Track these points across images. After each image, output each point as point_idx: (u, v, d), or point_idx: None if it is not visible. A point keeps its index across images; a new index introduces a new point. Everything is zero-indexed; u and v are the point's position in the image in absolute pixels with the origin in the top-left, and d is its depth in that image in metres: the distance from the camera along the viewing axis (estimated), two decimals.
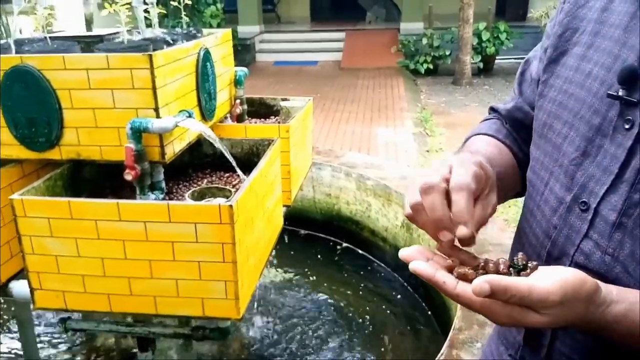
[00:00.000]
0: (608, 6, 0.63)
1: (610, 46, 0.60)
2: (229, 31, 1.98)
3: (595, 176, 0.59)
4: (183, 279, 1.18)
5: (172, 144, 1.40)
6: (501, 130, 0.78)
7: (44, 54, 1.38)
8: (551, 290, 0.48)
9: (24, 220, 1.19)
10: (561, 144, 0.63)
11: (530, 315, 0.49)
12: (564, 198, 0.62)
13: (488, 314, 0.51)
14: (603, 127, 0.59)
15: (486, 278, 0.48)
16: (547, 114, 0.66)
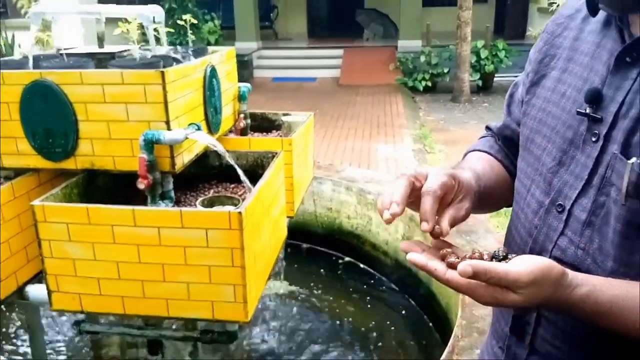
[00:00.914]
0: (579, 36, 0.73)
1: (580, 71, 0.71)
2: (233, 49, 2.07)
3: (569, 182, 0.69)
4: (194, 283, 1.24)
5: (182, 155, 1.47)
6: (494, 147, 0.89)
7: (62, 70, 1.46)
8: (523, 272, 0.57)
9: (43, 225, 1.26)
10: (541, 155, 0.73)
11: (508, 294, 0.58)
12: (543, 202, 0.72)
13: (474, 295, 0.59)
14: (575, 140, 0.69)
15: (470, 262, 0.57)
16: (530, 129, 0.76)
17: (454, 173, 0.72)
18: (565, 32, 0.76)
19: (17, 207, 1.47)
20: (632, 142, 0.61)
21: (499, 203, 0.86)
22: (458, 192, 0.71)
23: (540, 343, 0.73)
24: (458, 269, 0.57)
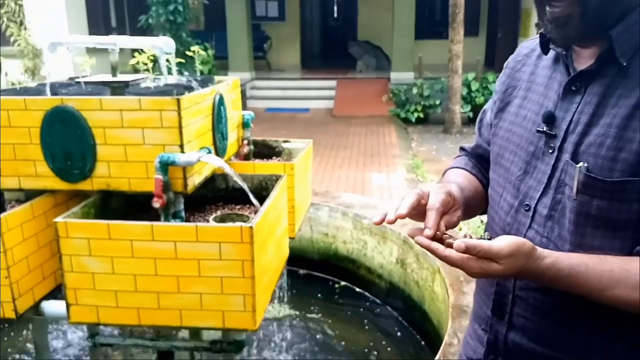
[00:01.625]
0: (535, 70, 0.91)
1: (537, 98, 0.87)
2: (237, 79, 2.20)
3: (533, 186, 0.85)
4: (207, 293, 1.32)
5: (193, 177, 1.57)
6: (469, 164, 1.06)
7: (83, 96, 1.57)
8: (503, 246, 0.73)
9: (65, 240, 1.34)
10: (509, 167, 0.90)
11: (492, 265, 0.73)
12: (513, 204, 0.88)
13: (466, 268, 0.74)
14: (536, 152, 0.85)
15: (463, 239, 0.73)
16: (499, 147, 0.93)
17: (449, 190, 0.88)
18: (523, 67, 0.94)
19: (35, 226, 1.55)
20: (580, 151, 0.78)
21: (477, 210, 1.02)
22: (453, 205, 0.87)
23: (516, 319, 0.88)
24: (454, 245, 0.73)
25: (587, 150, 0.77)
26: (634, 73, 0.76)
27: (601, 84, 0.78)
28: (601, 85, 0.78)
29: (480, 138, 1.05)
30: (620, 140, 0.74)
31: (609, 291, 0.74)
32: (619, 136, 0.74)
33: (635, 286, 0.72)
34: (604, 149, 0.75)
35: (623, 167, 0.73)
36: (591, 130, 0.78)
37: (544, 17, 0.79)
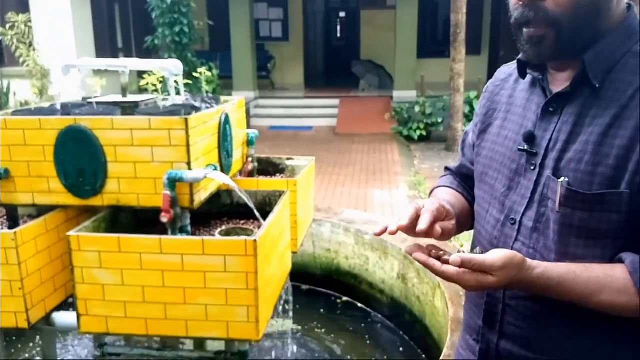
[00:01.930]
0: (513, 94, 0.97)
1: (516, 119, 0.94)
2: (243, 99, 2.28)
3: (517, 201, 0.91)
4: (212, 304, 1.37)
5: (200, 193, 1.64)
6: (454, 182, 1.13)
7: (95, 116, 1.64)
8: (496, 259, 0.78)
9: (78, 253, 1.40)
10: (494, 184, 0.95)
11: (487, 277, 0.78)
12: (499, 218, 0.94)
13: (462, 281, 0.78)
14: (518, 169, 0.91)
15: (458, 254, 0.78)
16: (483, 165, 0.99)
17: (443, 203, 0.95)
18: (502, 91, 1.01)
19: (48, 240, 1.61)
20: (560, 167, 0.84)
21: (465, 226, 1.07)
22: (447, 215, 0.93)
23: (507, 327, 0.92)
24: (450, 260, 0.77)
25: (567, 166, 0.83)
26: (606, 94, 0.82)
27: (576, 105, 0.85)
28: (577, 106, 0.85)
29: (464, 158, 1.12)
30: (597, 156, 0.80)
31: (595, 296, 0.79)
32: (596, 152, 0.80)
33: (619, 290, 0.78)
34: (582, 165, 0.81)
35: (601, 180, 0.79)
36: (570, 148, 0.83)
37: (520, 38, 0.86)
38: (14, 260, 1.47)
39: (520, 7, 0.83)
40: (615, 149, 0.79)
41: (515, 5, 0.84)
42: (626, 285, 0.78)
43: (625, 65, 0.82)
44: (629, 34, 0.84)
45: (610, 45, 0.83)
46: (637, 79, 0.80)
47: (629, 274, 0.78)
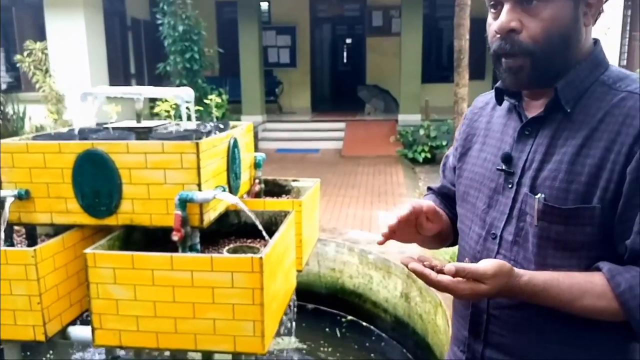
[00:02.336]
0: (490, 120, 1.06)
1: (494, 142, 1.02)
2: (251, 124, 2.38)
3: (497, 217, 0.98)
4: (220, 319, 1.44)
5: (209, 213, 1.72)
6: (436, 201, 1.20)
7: (111, 141, 1.74)
8: (488, 268, 0.84)
9: (93, 270, 1.48)
10: (475, 202, 1.03)
11: (480, 286, 0.83)
12: (481, 233, 1.01)
13: (457, 290, 0.84)
14: (497, 188, 0.99)
15: (453, 264, 0.84)
16: (465, 186, 1.07)
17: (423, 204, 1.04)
18: (480, 118, 1.10)
19: (65, 258, 1.70)
20: (536, 185, 0.92)
21: (447, 240, 1.16)
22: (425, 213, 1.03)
23: (491, 336, 0.98)
24: (445, 269, 0.83)
25: (542, 183, 0.91)
26: (577, 118, 0.91)
27: (550, 128, 0.93)
28: (550, 129, 0.93)
29: (445, 180, 1.20)
30: (571, 174, 0.88)
31: (578, 301, 0.85)
32: (569, 171, 0.88)
33: (599, 295, 0.85)
34: (557, 182, 0.89)
35: (574, 196, 0.87)
36: (545, 167, 0.91)
37: (500, 67, 0.95)
38: (33, 276, 1.56)
39: (498, 39, 0.91)
40: (587, 167, 0.87)
41: (494, 37, 0.92)
42: (605, 291, 0.84)
43: (594, 93, 0.91)
44: (596, 65, 0.93)
45: (580, 74, 0.92)
46: (605, 105, 0.89)
47: (607, 280, 0.85)
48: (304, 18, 12.15)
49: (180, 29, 7.40)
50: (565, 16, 0.88)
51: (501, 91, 1.01)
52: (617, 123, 0.86)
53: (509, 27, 0.89)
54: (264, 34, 11.04)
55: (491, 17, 0.94)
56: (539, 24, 0.88)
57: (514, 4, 0.88)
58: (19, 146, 1.76)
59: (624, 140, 0.85)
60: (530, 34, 0.88)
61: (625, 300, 0.83)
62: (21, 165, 1.75)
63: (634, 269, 0.85)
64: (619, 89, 0.90)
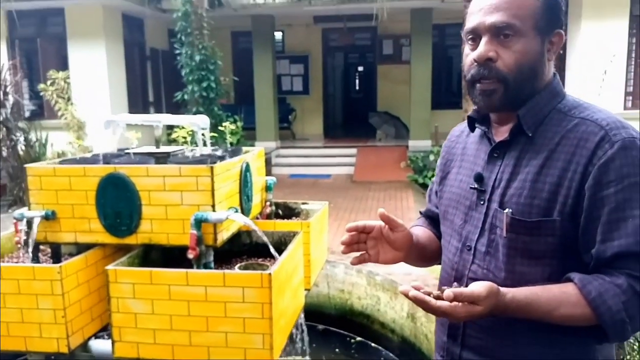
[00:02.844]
0: (465, 146, 1.18)
1: (469, 165, 1.13)
2: (262, 149, 2.51)
3: (471, 230, 1.09)
4: (231, 332, 1.53)
5: (222, 233, 1.83)
6: (424, 222, 1.31)
7: (132, 165, 1.87)
8: (481, 290, 0.91)
9: (114, 285, 1.59)
10: (453, 219, 1.14)
11: (476, 307, 0.90)
12: (458, 246, 1.11)
13: (455, 314, 0.90)
14: (471, 205, 1.09)
15: (450, 289, 0.91)
16: (445, 206, 1.18)
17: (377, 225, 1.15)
18: (456, 145, 1.22)
19: (88, 274, 1.81)
20: (504, 201, 1.03)
21: (435, 256, 1.24)
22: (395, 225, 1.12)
23: (468, 339, 1.08)
24: (444, 294, 0.90)
25: (510, 199, 1.01)
26: (538, 141, 1.02)
27: (515, 150, 1.04)
28: (515, 151, 1.04)
29: (430, 204, 1.31)
30: (533, 191, 0.99)
31: (556, 311, 0.94)
32: (532, 188, 0.99)
33: (574, 304, 0.93)
34: (522, 198, 1.00)
35: (537, 210, 0.98)
36: (511, 185, 1.02)
37: (474, 92, 1.06)
38: (58, 291, 1.67)
39: (475, 66, 1.04)
40: (547, 185, 0.98)
41: (471, 65, 1.05)
42: (578, 299, 0.93)
43: (552, 119, 1.03)
44: (555, 95, 1.05)
45: (539, 102, 1.04)
46: (561, 130, 1.01)
47: (579, 289, 0.94)
48: (317, 47, 12.46)
49: (197, 58, 7.66)
50: (534, 50, 1.01)
51: (473, 120, 1.14)
52: (572, 146, 0.98)
53: (487, 56, 1.01)
54: (277, 62, 11.34)
55: (469, 48, 1.06)
56: (512, 55, 1.00)
57: (491, 37, 1.01)
58: (47, 170, 1.90)
59: (578, 161, 0.96)
60: (504, 63, 1.01)
61: (596, 306, 0.92)
62: (48, 187, 1.88)
63: (601, 277, 0.94)
64: (574, 115, 1.01)
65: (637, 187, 0.93)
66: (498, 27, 1.00)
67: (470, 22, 1.04)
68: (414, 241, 1.16)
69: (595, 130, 0.97)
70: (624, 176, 0.93)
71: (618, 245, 0.93)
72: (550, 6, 1.02)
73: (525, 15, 1.00)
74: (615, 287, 0.92)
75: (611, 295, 0.92)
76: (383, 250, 1.13)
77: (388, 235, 1.12)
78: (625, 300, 0.91)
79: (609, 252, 0.94)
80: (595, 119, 0.99)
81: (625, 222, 0.93)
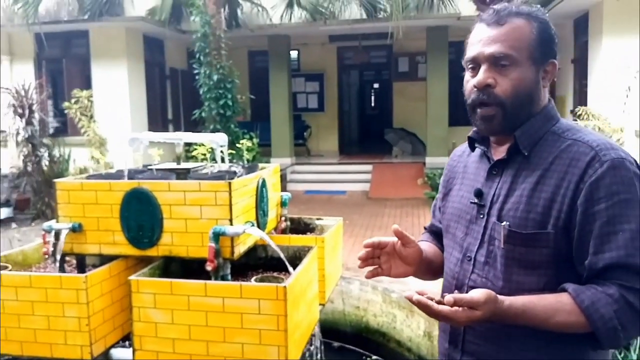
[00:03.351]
0: (466, 164, 1.25)
1: (469, 182, 1.20)
2: (278, 166, 2.58)
3: (471, 242, 1.16)
4: (247, 343, 1.58)
5: (239, 246, 1.89)
6: (429, 237, 1.39)
7: (155, 180, 1.96)
8: (480, 296, 0.98)
9: (136, 295, 1.66)
10: (455, 232, 1.21)
11: (475, 312, 0.97)
12: (459, 257, 1.18)
13: (455, 318, 0.97)
14: (472, 218, 1.17)
15: (451, 295, 0.98)
16: (448, 220, 1.25)
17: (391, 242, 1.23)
18: (458, 164, 1.29)
19: (111, 284, 1.88)
20: (502, 215, 1.10)
21: (438, 271, 1.30)
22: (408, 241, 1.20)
23: (468, 345, 1.14)
24: (445, 300, 0.97)
25: (507, 213, 1.09)
26: (533, 160, 1.10)
27: (512, 168, 1.12)
28: (512, 169, 1.12)
29: (434, 219, 1.39)
30: (529, 206, 1.06)
31: (552, 319, 1.00)
32: (528, 203, 1.06)
33: (569, 312, 1.00)
34: (519, 212, 1.07)
35: (532, 223, 1.05)
36: (509, 200, 1.10)
37: (475, 116, 1.14)
38: (83, 299, 1.74)
39: (475, 92, 1.12)
40: (542, 200, 1.05)
41: (472, 90, 1.13)
42: (573, 308, 1.00)
43: (546, 140, 1.11)
44: (549, 118, 1.14)
45: (534, 125, 1.12)
46: (555, 150, 1.09)
47: (573, 298, 1.00)
48: (332, 65, 12.62)
49: (215, 77, 7.85)
50: (529, 78, 1.10)
51: (473, 140, 1.22)
52: (565, 165, 1.05)
53: (486, 83, 1.10)
54: (293, 80, 11.51)
55: (469, 75, 1.14)
56: (509, 82, 1.09)
57: (490, 65, 1.10)
58: (75, 184, 1.99)
59: (570, 179, 1.04)
60: (502, 89, 1.09)
61: (589, 314, 0.98)
62: (76, 201, 1.97)
63: (594, 287, 1.01)
64: (566, 137, 1.10)
65: (626, 204, 1.01)
66: (496, 57, 1.09)
67: (471, 51, 1.13)
68: (423, 256, 1.23)
69: (586, 150, 1.05)
70: (613, 193, 1.01)
71: (609, 257, 1.00)
72: (544, 39, 1.11)
73: (521, 47, 1.09)
74: (607, 296, 0.99)
75: (603, 304, 0.98)
76: (395, 264, 1.21)
77: (400, 251, 1.20)
78: (616, 309, 0.97)
79: (601, 264, 1.00)
80: (586, 140, 1.07)
81: (616, 236, 1.00)
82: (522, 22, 1.10)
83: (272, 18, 9.44)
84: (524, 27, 1.10)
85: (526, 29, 1.10)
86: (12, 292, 1.80)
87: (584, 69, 8.26)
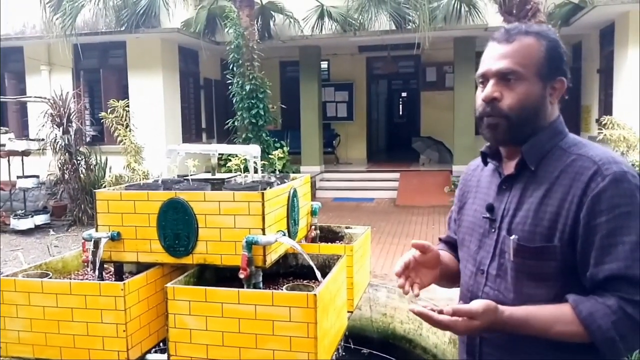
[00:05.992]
0: (480, 179, 1.28)
1: (482, 196, 1.24)
2: (308, 176, 2.63)
3: (484, 256, 1.21)
4: (278, 350, 1.63)
5: (271, 255, 1.95)
6: (444, 248, 1.42)
7: (191, 191, 2.03)
8: (479, 307, 1.04)
9: (172, 302, 1.73)
10: (469, 245, 1.24)
11: (474, 322, 1.03)
12: (473, 270, 1.23)
13: (455, 328, 1.03)
14: (484, 232, 1.20)
15: (452, 305, 1.03)
16: (463, 233, 1.29)
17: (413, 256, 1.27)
18: (472, 178, 1.33)
19: (147, 292, 1.96)
20: (512, 228, 1.13)
21: (456, 278, 1.34)
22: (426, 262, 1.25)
23: (485, 356, 1.18)
24: (445, 310, 1.03)
25: (516, 227, 1.12)
26: (540, 174, 1.13)
27: (521, 183, 1.16)
28: (521, 184, 1.16)
29: (449, 230, 1.42)
30: (536, 219, 1.10)
31: (553, 328, 1.04)
32: (535, 217, 1.10)
33: (569, 321, 1.03)
34: (527, 226, 1.10)
35: (540, 237, 1.09)
36: (517, 214, 1.13)
37: (482, 126, 1.18)
38: (121, 306, 1.82)
39: (483, 104, 1.17)
40: (548, 214, 1.09)
41: (481, 104, 1.18)
42: (573, 317, 1.03)
43: (553, 155, 1.14)
44: (557, 133, 1.17)
45: (542, 139, 1.15)
46: (560, 164, 1.12)
47: (573, 308, 1.03)
48: (361, 75, 12.69)
49: (247, 88, 8.02)
50: (535, 93, 1.14)
51: (485, 154, 1.26)
52: (570, 179, 1.09)
53: (492, 96, 1.15)
54: (323, 90, 11.62)
55: (480, 89, 1.19)
56: (514, 96, 1.14)
57: (497, 80, 1.15)
58: (114, 195, 2.09)
59: (574, 192, 1.07)
60: (507, 103, 1.14)
61: (587, 324, 1.01)
62: (115, 210, 2.06)
63: (594, 297, 1.04)
64: (572, 152, 1.13)
65: (627, 216, 1.03)
66: (503, 72, 1.14)
67: (481, 68, 1.18)
68: (440, 259, 1.28)
69: (589, 165, 1.08)
70: (614, 206, 1.03)
71: (609, 268, 1.02)
72: (552, 56, 1.15)
73: (528, 64, 1.13)
74: (606, 307, 1.01)
75: (601, 315, 1.01)
76: (423, 274, 1.25)
77: (422, 260, 1.23)
78: (615, 320, 1.00)
79: (601, 275, 1.03)
80: (590, 155, 1.10)
81: (616, 248, 1.02)
82: (531, 40, 1.14)
83: (304, 30, 9.59)
84: (533, 45, 1.14)
85: (534, 46, 1.14)
86: (52, 298, 1.89)
87: (609, 78, 8.13)
